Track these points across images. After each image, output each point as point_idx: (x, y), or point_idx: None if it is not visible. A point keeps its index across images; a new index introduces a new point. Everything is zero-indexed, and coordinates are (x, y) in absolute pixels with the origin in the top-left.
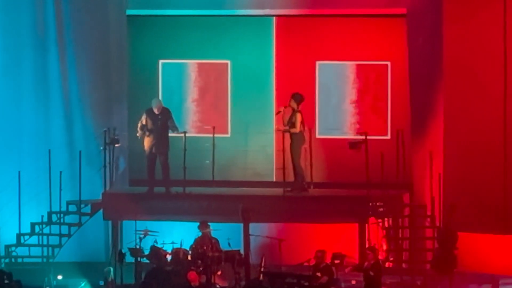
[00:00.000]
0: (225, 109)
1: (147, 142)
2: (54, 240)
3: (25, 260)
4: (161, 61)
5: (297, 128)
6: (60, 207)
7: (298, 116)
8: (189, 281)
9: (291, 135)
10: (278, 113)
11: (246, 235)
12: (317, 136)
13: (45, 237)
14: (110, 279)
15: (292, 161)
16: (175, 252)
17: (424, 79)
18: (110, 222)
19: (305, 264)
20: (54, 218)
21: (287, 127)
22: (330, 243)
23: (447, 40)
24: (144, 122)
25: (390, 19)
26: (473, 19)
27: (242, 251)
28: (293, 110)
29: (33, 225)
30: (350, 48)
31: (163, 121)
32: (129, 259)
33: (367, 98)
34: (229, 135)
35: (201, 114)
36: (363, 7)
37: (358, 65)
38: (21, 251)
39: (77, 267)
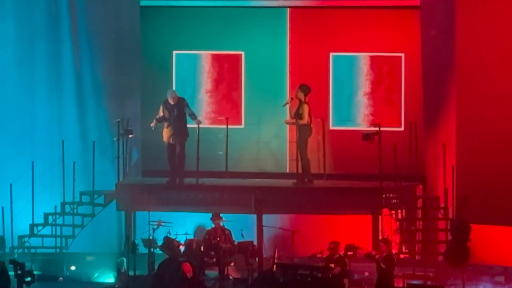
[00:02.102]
0: (239, 100)
1: (165, 133)
2: (67, 231)
3: (38, 250)
4: (174, 52)
5: (305, 120)
6: (74, 197)
7: (306, 108)
8: (184, 272)
9: (298, 127)
10: (284, 105)
11: (259, 226)
12: (331, 127)
13: (58, 228)
14: (123, 270)
15: (299, 153)
16: (188, 243)
17: (437, 71)
18: (123, 213)
19: (318, 255)
20: (68, 208)
21: (294, 119)
22: (343, 234)
23: (460, 32)
24: (161, 114)
25: (404, 10)
26: (486, 11)
27: (255, 243)
28: (300, 101)
29: (46, 215)
30: (364, 39)
31: (179, 111)
32: (142, 250)
33: (380, 90)
34: (242, 126)
35: (214, 105)
36: None
37: (371, 57)
38: (34, 241)
39: (87, 257)
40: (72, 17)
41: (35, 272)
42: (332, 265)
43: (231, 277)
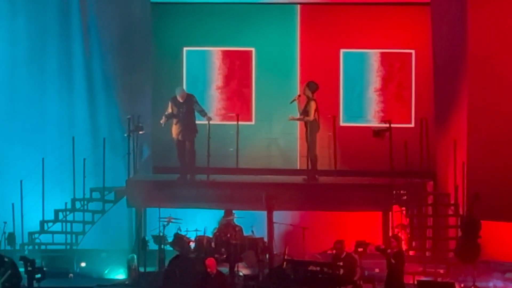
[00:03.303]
0: (249, 97)
1: (174, 130)
2: (77, 227)
3: (49, 247)
4: (185, 49)
5: (311, 116)
6: (84, 194)
7: (312, 104)
8: (206, 266)
9: (306, 123)
10: (292, 102)
11: (270, 223)
12: (341, 124)
13: (68, 224)
14: (133, 267)
15: (308, 149)
16: (199, 240)
17: (448, 67)
18: (133, 209)
19: (329, 252)
20: (78, 205)
21: (301, 116)
22: (353, 231)
23: (471, 28)
24: (170, 110)
25: (415, 7)
26: (497, 6)
27: (265, 239)
28: (308, 98)
29: (56, 212)
30: (374, 36)
31: (187, 108)
32: (153, 246)
33: (391, 86)
34: (253, 122)
35: (225, 102)
36: None
37: (382, 53)
38: (44, 238)
39: (100, 254)
40: (83, 14)
41: (45, 269)
42: (341, 263)
43: (241, 274)
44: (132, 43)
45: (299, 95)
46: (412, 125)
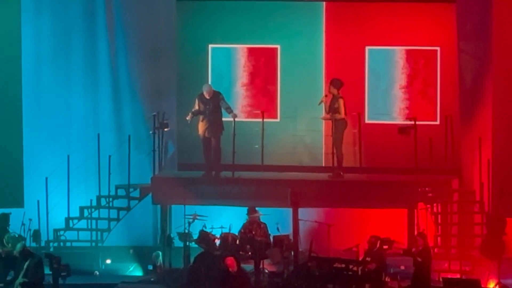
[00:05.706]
0: (275, 94)
1: (200, 126)
2: (102, 224)
3: (74, 244)
4: (210, 46)
5: (342, 114)
6: (109, 191)
7: (341, 102)
8: (226, 266)
9: (334, 121)
10: (320, 103)
11: (295, 220)
12: (366, 121)
13: (94, 221)
14: (158, 264)
15: (334, 146)
16: (224, 237)
17: (473, 65)
18: (159, 206)
19: (354, 249)
20: (103, 202)
21: (329, 114)
22: (378, 228)
23: (496, 25)
24: (197, 107)
25: (440, 4)
26: None
27: (291, 236)
28: (334, 96)
29: (82, 209)
30: (399, 33)
31: (214, 105)
32: (178, 243)
33: (416, 84)
34: (278, 119)
35: (250, 99)
36: None
37: (407, 51)
38: (70, 235)
39: (125, 251)
40: (108, 11)
41: (70, 266)
42: (369, 259)
43: (266, 271)
44: (157, 40)
45: (326, 95)
46: (437, 122)
